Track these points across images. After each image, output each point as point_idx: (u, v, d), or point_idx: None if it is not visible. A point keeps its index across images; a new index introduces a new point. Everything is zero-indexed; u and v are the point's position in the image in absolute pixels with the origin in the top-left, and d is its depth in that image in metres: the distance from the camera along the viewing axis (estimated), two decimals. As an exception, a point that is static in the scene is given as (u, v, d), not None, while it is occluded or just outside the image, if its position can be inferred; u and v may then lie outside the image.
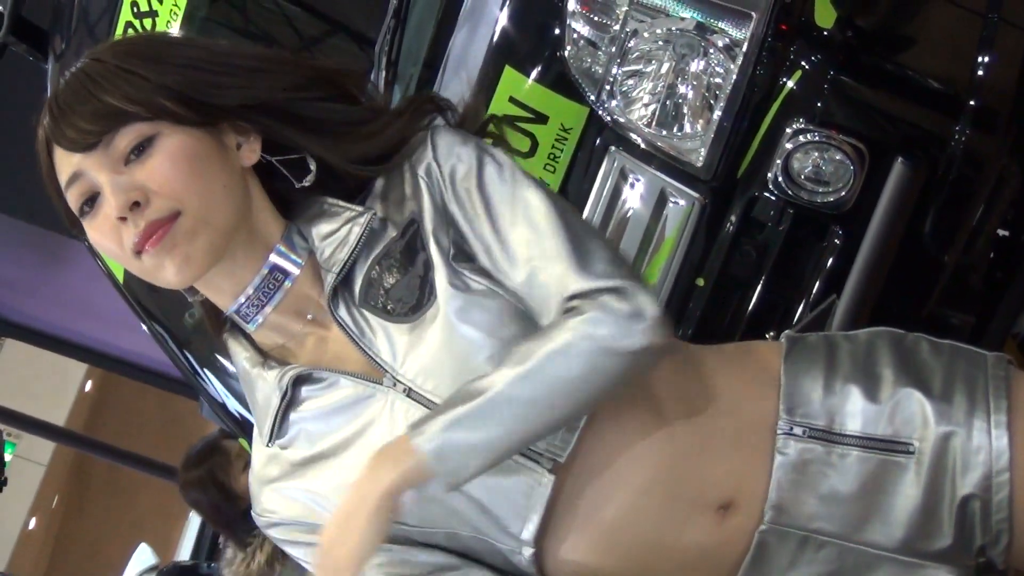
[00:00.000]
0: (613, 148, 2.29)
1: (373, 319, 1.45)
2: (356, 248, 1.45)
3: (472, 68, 2.33)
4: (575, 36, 2.26)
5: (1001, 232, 2.40)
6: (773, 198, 2.23)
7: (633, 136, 2.26)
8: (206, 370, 3.20)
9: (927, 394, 1.45)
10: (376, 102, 1.54)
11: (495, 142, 1.52)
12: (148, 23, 2.97)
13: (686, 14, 2.20)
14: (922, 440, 1.43)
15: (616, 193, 2.29)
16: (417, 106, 1.52)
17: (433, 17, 2.53)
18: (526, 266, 1.41)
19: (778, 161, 2.21)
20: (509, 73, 2.30)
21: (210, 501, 3.98)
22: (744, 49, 2.18)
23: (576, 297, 1.37)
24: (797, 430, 1.45)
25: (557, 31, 2.28)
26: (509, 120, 1.68)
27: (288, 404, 1.47)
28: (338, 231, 1.47)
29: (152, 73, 1.40)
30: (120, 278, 3.23)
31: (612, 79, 2.25)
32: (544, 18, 2.31)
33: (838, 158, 2.20)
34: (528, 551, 1.43)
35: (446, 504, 1.42)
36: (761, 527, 1.45)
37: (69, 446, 10.99)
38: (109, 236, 1.40)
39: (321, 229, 1.48)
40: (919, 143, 2.26)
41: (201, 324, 1.55)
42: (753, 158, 2.23)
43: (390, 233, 1.47)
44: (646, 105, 2.24)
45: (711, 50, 2.20)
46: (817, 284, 2.28)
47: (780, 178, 2.21)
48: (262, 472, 1.52)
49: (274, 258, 1.46)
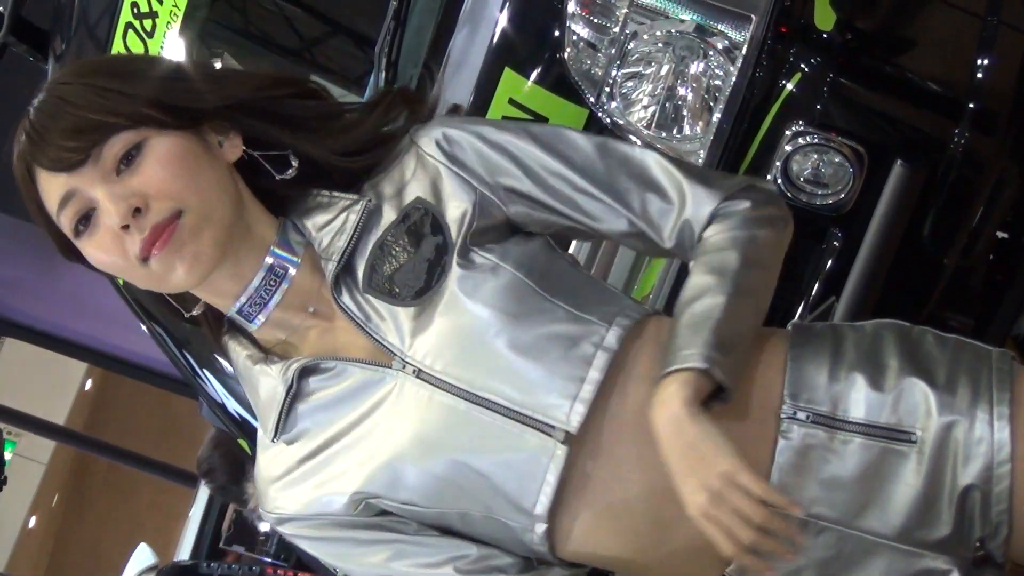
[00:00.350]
0: (613, 150, 2.29)
1: (379, 304, 1.46)
2: (354, 235, 1.47)
3: (472, 69, 2.33)
4: (575, 38, 2.26)
5: (1000, 234, 2.39)
6: (772, 200, 2.23)
7: (633, 138, 2.26)
8: (205, 371, 3.20)
9: (931, 384, 1.45)
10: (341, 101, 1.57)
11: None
12: (148, 24, 2.97)
13: (686, 16, 2.20)
14: (924, 430, 1.44)
15: (616, 194, 2.29)
16: (391, 99, 1.54)
17: (433, 18, 2.52)
18: (633, 207, 1.48)
19: (777, 163, 2.21)
20: (509, 75, 2.30)
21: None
22: (744, 51, 2.18)
23: (719, 208, 1.47)
24: (801, 415, 1.45)
25: (557, 33, 2.28)
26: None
27: (294, 397, 1.48)
28: (334, 220, 1.48)
29: (125, 87, 1.41)
30: (120, 279, 3.22)
31: (612, 81, 2.25)
32: (544, 20, 2.31)
33: (837, 160, 2.20)
34: (541, 527, 1.43)
35: (456, 483, 1.43)
36: None
37: (69, 445, 10.98)
38: (111, 249, 1.41)
39: (317, 220, 1.49)
40: (918, 145, 2.26)
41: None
42: (752, 160, 2.23)
43: (388, 218, 1.48)
44: (646, 107, 2.24)
45: (711, 52, 2.20)
46: (816, 286, 2.28)
47: (779, 180, 2.21)
48: (268, 470, 1.52)
49: (272, 255, 1.47)
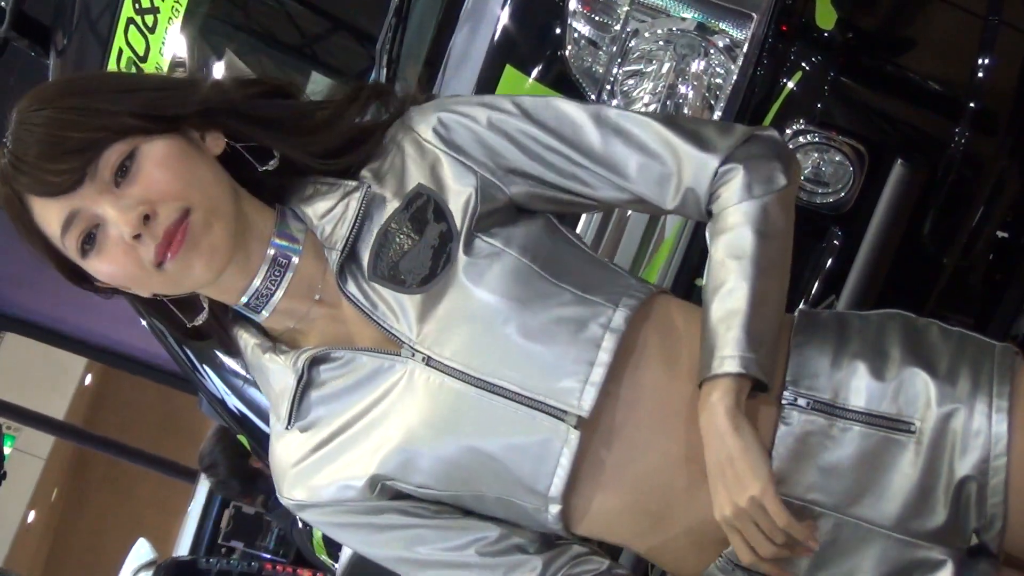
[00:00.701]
0: (613, 148, 2.29)
1: (385, 291, 1.46)
2: (356, 222, 1.47)
3: (473, 67, 2.33)
4: (576, 36, 2.26)
5: (1000, 234, 2.40)
6: (772, 199, 2.23)
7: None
8: (205, 366, 3.19)
9: (932, 375, 1.45)
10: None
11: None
12: (150, 19, 2.97)
13: (687, 14, 2.20)
14: (923, 420, 1.44)
15: (616, 193, 2.29)
16: (365, 94, 1.54)
17: (434, 16, 2.53)
18: (637, 175, 1.47)
19: (778, 162, 2.21)
20: (510, 72, 2.30)
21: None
22: (745, 50, 2.18)
23: (720, 174, 1.45)
24: (801, 401, 1.45)
25: (558, 30, 2.28)
26: None
27: (306, 386, 1.48)
28: (335, 207, 1.48)
29: (102, 103, 1.40)
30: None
31: (613, 79, 2.25)
32: (545, 17, 2.31)
33: (838, 159, 2.21)
34: (555, 507, 1.44)
35: (468, 466, 1.44)
36: None
37: (68, 440, 11.00)
38: (123, 261, 1.41)
39: (317, 208, 1.49)
40: (919, 145, 2.26)
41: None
42: (753, 159, 2.23)
43: (391, 204, 1.48)
44: (647, 105, 2.24)
45: (712, 50, 2.20)
46: (816, 285, 2.28)
47: (780, 179, 2.21)
48: (284, 456, 1.53)
49: (273, 246, 1.47)
